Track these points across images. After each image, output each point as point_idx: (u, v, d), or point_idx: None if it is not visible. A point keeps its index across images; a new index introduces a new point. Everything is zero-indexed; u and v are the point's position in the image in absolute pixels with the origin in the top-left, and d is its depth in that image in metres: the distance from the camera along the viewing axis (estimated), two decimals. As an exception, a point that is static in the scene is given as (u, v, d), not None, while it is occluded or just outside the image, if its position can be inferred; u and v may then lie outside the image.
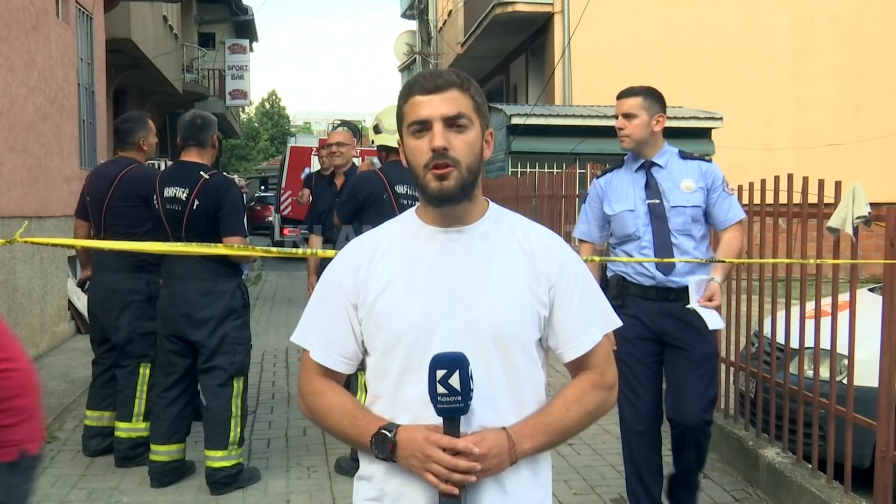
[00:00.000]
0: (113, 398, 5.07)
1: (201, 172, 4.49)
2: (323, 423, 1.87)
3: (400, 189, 4.73)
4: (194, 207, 4.42)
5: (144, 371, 4.92)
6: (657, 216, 3.86)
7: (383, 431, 1.73)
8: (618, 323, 1.89)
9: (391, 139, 4.70)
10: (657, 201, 3.85)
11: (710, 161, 3.94)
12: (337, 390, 1.85)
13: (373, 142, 4.94)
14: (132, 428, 4.89)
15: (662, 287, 3.89)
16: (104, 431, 5.10)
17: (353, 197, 4.84)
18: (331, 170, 8.74)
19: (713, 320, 3.76)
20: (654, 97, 3.89)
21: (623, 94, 3.92)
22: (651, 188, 3.88)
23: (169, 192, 4.48)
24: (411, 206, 1.95)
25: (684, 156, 3.92)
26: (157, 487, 4.58)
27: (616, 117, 3.92)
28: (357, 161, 7.01)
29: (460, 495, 1.68)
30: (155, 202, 4.56)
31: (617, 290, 3.96)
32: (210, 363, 4.50)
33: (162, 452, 4.59)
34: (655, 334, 3.89)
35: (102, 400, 5.11)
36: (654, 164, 3.90)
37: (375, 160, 5.40)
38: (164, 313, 4.58)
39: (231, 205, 4.47)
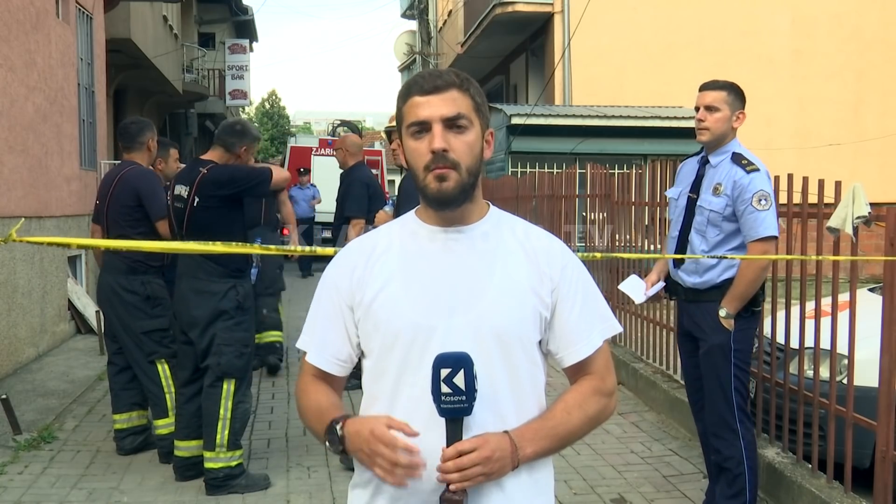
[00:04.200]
0: (137, 398, 5.15)
1: (201, 168, 4.50)
2: (305, 423, 1.86)
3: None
4: (194, 204, 4.45)
5: (162, 367, 4.96)
6: (689, 210, 3.95)
7: (333, 425, 1.71)
8: (618, 328, 1.86)
9: None
10: (695, 196, 3.93)
11: (754, 171, 3.73)
12: (320, 389, 1.82)
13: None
14: (170, 423, 4.92)
15: (676, 282, 4.05)
16: (136, 430, 5.16)
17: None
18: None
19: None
20: (737, 93, 3.89)
21: (707, 87, 3.91)
22: (696, 183, 3.95)
23: (177, 189, 4.56)
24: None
25: (735, 159, 3.80)
26: (179, 481, 4.64)
27: (697, 109, 3.93)
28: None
29: (461, 501, 1.63)
30: (168, 200, 4.67)
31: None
32: (203, 363, 4.53)
33: (182, 448, 4.64)
34: (685, 330, 4.10)
35: (126, 401, 5.15)
36: (708, 160, 3.94)
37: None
38: (174, 309, 4.69)
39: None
